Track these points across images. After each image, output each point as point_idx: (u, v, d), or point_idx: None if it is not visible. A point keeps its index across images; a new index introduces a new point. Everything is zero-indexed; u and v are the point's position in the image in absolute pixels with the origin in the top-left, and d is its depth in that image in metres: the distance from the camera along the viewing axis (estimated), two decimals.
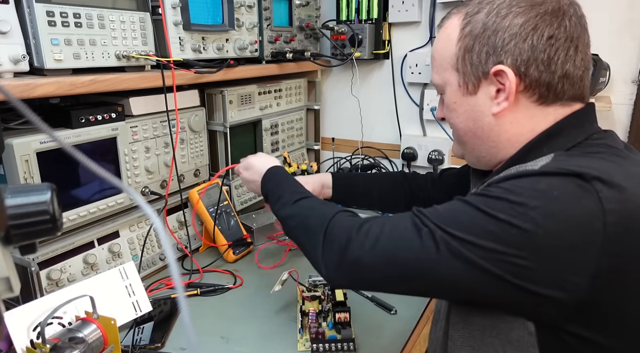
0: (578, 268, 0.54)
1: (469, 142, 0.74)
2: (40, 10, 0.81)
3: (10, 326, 0.71)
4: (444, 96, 0.74)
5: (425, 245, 0.59)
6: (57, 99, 1.02)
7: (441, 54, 0.72)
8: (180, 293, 0.34)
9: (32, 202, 0.41)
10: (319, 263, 0.70)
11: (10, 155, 0.83)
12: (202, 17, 1.14)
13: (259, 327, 0.95)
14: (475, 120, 0.71)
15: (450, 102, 0.73)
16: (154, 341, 0.89)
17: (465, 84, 0.69)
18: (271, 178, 0.92)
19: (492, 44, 0.65)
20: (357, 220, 0.70)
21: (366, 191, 1.14)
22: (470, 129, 0.72)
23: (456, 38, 0.69)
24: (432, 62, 0.75)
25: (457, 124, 0.74)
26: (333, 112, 1.81)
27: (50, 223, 0.42)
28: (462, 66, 0.69)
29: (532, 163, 0.64)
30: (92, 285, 0.85)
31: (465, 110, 0.71)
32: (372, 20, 1.57)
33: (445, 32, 0.71)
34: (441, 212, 0.62)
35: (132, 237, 1.10)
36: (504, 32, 0.64)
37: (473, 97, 0.70)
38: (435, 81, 0.75)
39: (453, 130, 0.77)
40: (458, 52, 0.69)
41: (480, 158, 0.75)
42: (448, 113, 0.75)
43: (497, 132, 0.69)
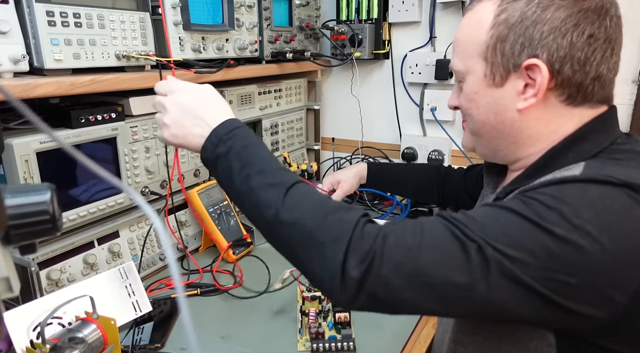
0: (624, 285, 0.51)
1: (485, 135, 0.71)
2: (40, 10, 0.81)
3: (10, 326, 0.70)
4: (464, 84, 0.70)
5: (474, 264, 0.51)
6: (57, 99, 1.02)
7: (468, 39, 0.67)
8: (180, 293, 0.34)
9: (32, 202, 0.41)
10: (327, 279, 0.55)
11: (10, 155, 0.83)
12: (202, 17, 1.14)
13: (259, 327, 0.95)
14: (497, 113, 0.67)
15: (471, 92, 0.69)
16: (154, 341, 0.89)
17: (492, 75, 0.65)
18: (234, 138, 0.65)
19: (529, 36, 0.61)
20: (380, 226, 0.58)
21: (402, 183, 1.22)
22: (489, 122, 0.69)
23: (488, 24, 0.64)
24: (454, 47, 0.71)
25: (476, 115, 0.70)
26: (333, 112, 1.81)
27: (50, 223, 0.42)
28: (491, 55, 0.65)
29: (564, 169, 0.60)
30: (92, 285, 0.85)
31: (488, 102, 0.68)
32: (372, 20, 1.57)
33: (475, 16, 0.67)
34: (484, 223, 0.54)
35: (132, 237, 1.10)
36: (543, 24, 0.60)
37: (498, 90, 0.66)
38: (456, 67, 0.70)
39: (468, 121, 0.73)
40: (489, 40, 0.64)
41: (497, 151, 0.72)
42: (466, 103, 0.70)
43: (519, 128, 0.67)
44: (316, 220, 0.57)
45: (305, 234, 0.57)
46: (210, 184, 1.28)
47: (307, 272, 0.59)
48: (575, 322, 0.53)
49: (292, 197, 0.59)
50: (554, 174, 0.61)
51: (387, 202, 1.58)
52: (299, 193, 0.60)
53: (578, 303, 0.51)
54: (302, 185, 0.62)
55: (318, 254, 0.55)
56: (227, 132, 0.66)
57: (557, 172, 0.61)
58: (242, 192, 0.63)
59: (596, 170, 0.57)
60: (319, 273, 0.56)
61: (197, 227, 1.28)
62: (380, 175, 1.24)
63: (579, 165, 0.60)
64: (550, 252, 0.50)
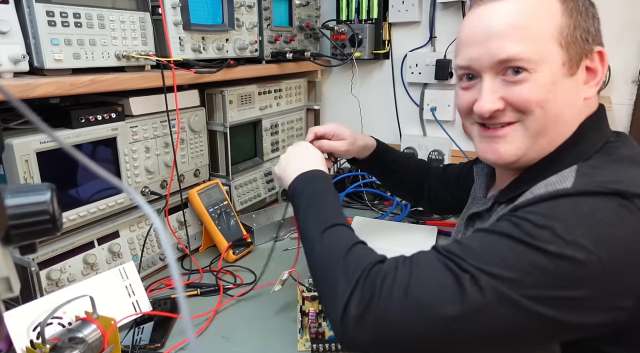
0: (628, 292, 0.51)
1: (552, 133, 0.64)
2: (40, 10, 0.81)
3: (10, 326, 0.70)
4: (534, 75, 0.61)
5: (470, 296, 0.51)
6: (57, 99, 1.02)
7: (541, 22, 0.62)
8: (180, 294, 0.34)
9: (32, 202, 0.41)
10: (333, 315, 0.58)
11: (10, 155, 0.83)
12: (202, 17, 1.14)
13: (259, 327, 0.95)
14: (572, 105, 0.64)
15: (547, 83, 0.62)
16: (154, 341, 0.89)
17: (570, 62, 0.62)
18: (299, 193, 0.79)
19: (592, 25, 0.63)
20: (384, 265, 0.58)
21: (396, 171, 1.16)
22: (564, 116, 0.64)
23: (559, 9, 0.62)
24: (513, 33, 0.62)
25: (552, 108, 0.62)
26: (333, 112, 1.81)
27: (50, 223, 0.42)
28: (571, 41, 0.61)
29: (556, 178, 0.59)
30: (92, 285, 0.85)
31: (565, 93, 0.63)
32: (372, 20, 1.57)
33: (535, 1, 0.63)
34: (477, 250, 0.54)
35: (132, 237, 1.10)
36: (596, 17, 0.64)
37: (572, 78, 0.63)
38: (522, 55, 0.61)
39: (532, 121, 0.63)
40: (564, 25, 0.61)
41: (545, 153, 0.66)
42: (541, 95, 0.62)
43: (578, 117, 0.65)
44: (340, 255, 0.62)
45: (329, 268, 0.62)
46: (210, 184, 1.28)
47: (324, 304, 0.65)
48: (581, 331, 0.53)
49: (331, 233, 0.68)
50: (547, 183, 0.59)
51: (387, 202, 1.58)
52: (337, 233, 0.68)
53: (584, 315, 0.51)
54: (343, 228, 0.69)
55: (332, 289, 0.59)
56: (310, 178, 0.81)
57: (551, 179, 0.60)
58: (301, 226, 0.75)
59: (587, 180, 0.56)
60: (329, 308, 0.60)
61: (197, 227, 1.28)
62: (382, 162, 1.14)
63: (571, 170, 0.60)
64: (546, 270, 0.50)
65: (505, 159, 0.67)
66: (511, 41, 0.61)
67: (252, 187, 1.48)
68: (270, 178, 1.55)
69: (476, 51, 0.65)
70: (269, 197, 1.56)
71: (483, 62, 0.64)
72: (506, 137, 0.66)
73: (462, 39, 0.69)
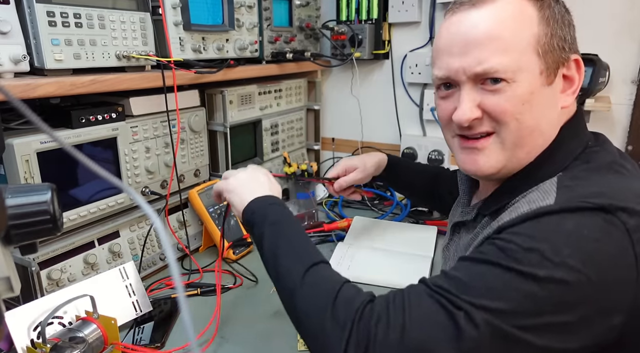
0: (617, 308, 0.51)
1: (530, 144, 0.64)
2: (40, 11, 0.81)
3: (10, 326, 0.71)
4: (511, 85, 0.61)
5: (466, 334, 0.49)
6: (58, 99, 1.02)
7: (515, 31, 0.61)
8: (181, 293, 0.35)
9: (33, 202, 0.41)
10: None
11: (11, 155, 0.83)
12: (202, 17, 1.14)
13: (259, 327, 0.95)
14: (547, 115, 0.63)
15: (525, 93, 0.61)
16: (154, 341, 0.89)
17: (547, 71, 0.62)
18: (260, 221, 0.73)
19: (568, 33, 0.63)
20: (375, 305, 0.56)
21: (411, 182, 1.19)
22: (541, 126, 0.63)
23: (536, 17, 0.62)
24: (492, 42, 0.61)
25: (527, 120, 0.62)
26: (333, 112, 1.81)
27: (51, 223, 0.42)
28: (548, 49, 0.61)
29: (538, 194, 0.58)
30: (93, 285, 0.85)
31: (541, 102, 0.62)
32: (372, 21, 1.58)
33: (512, 8, 0.62)
34: (466, 282, 0.53)
35: (132, 237, 1.10)
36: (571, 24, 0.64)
37: (549, 88, 0.63)
38: (499, 66, 0.61)
39: (507, 131, 0.63)
40: (542, 33, 0.61)
41: (523, 164, 0.66)
42: (517, 106, 0.61)
43: (555, 127, 0.65)
44: (327, 300, 0.58)
45: (316, 312, 0.58)
46: (211, 184, 1.28)
47: (310, 345, 0.60)
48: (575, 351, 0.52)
49: (311, 275, 0.63)
50: (529, 200, 0.59)
51: (387, 202, 1.58)
52: (319, 274, 0.63)
53: (576, 340, 0.50)
54: (323, 267, 0.64)
55: (323, 337, 0.56)
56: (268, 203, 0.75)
57: (533, 195, 0.59)
58: (268, 258, 0.70)
59: (569, 195, 0.56)
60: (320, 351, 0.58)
61: (197, 227, 1.28)
62: (397, 172, 1.18)
63: (552, 183, 0.59)
64: (536, 296, 0.49)
65: (484, 171, 0.67)
66: (489, 52, 0.61)
67: None
68: None
69: (455, 62, 0.64)
70: None
71: (461, 74, 0.64)
72: (484, 149, 0.66)
73: (440, 48, 0.67)
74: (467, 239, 0.75)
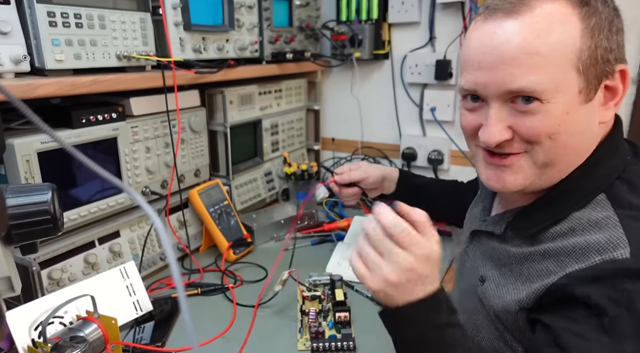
0: None
1: (562, 163, 0.60)
2: (41, 11, 0.81)
3: (11, 325, 0.71)
4: (546, 105, 0.56)
5: None
6: (58, 99, 1.02)
7: (553, 46, 0.55)
8: (181, 293, 0.35)
9: (33, 202, 0.41)
10: None
11: (12, 155, 0.83)
12: (203, 18, 1.14)
13: (259, 327, 0.95)
14: (584, 134, 0.59)
15: (561, 113, 0.56)
16: (155, 340, 0.89)
17: (587, 89, 0.56)
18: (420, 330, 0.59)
19: (616, 41, 0.57)
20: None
21: (434, 196, 1.15)
22: (575, 146, 0.59)
23: (579, 28, 0.55)
24: (528, 58, 0.55)
25: (562, 140, 0.57)
26: (333, 112, 1.82)
27: (51, 223, 0.42)
28: (590, 63, 0.55)
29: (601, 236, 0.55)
30: (93, 284, 0.85)
31: (579, 122, 0.57)
32: (372, 21, 1.58)
33: (553, 19, 0.55)
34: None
35: (132, 237, 1.11)
36: (620, 30, 0.58)
37: (589, 104, 0.57)
38: (535, 85, 0.55)
39: (539, 152, 0.59)
40: (584, 47, 0.55)
41: (551, 183, 0.62)
42: (552, 127, 0.56)
43: (592, 142, 0.60)
44: None
45: None
46: (211, 184, 1.28)
47: None
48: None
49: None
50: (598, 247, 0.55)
51: (387, 202, 1.58)
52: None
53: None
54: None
55: None
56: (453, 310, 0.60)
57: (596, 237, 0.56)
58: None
59: None
60: None
61: (197, 227, 1.28)
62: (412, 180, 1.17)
63: (603, 206, 0.58)
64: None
65: (510, 189, 0.63)
66: (523, 69, 0.56)
67: (253, 187, 1.48)
68: (270, 179, 1.56)
69: (483, 76, 0.59)
70: (269, 197, 1.56)
71: (491, 90, 0.59)
72: (513, 166, 0.62)
73: (468, 59, 0.61)
74: (491, 248, 0.72)
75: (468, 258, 0.80)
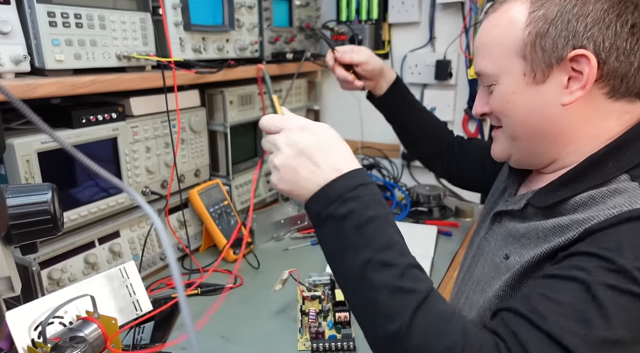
0: None
1: (525, 138, 0.69)
2: (41, 11, 0.81)
3: (11, 325, 0.71)
4: (497, 87, 0.68)
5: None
6: (58, 99, 1.02)
7: (500, 39, 0.67)
8: (181, 293, 0.35)
9: (33, 202, 0.41)
10: None
11: (12, 155, 0.83)
12: (203, 18, 1.14)
13: (259, 327, 0.95)
14: (538, 112, 0.66)
15: (508, 93, 0.67)
16: (155, 340, 0.89)
17: (532, 72, 0.64)
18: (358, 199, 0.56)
19: (573, 29, 0.61)
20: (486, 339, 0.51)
21: (418, 122, 1.19)
22: (530, 122, 0.67)
23: (523, 22, 0.64)
24: (480, 50, 0.70)
25: (515, 116, 0.68)
26: (333, 112, 1.81)
27: (51, 223, 0.42)
28: (531, 52, 0.64)
29: (620, 199, 0.57)
30: (93, 284, 0.85)
31: (528, 101, 0.66)
32: (372, 21, 1.58)
33: (504, 16, 0.66)
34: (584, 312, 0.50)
35: (132, 237, 1.11)
36: (586, 17, 0.60)
37: (539, 87, 0.65)
38: (485, 70, 0.69)
39: (505, 126, 0.71)
40: (527, 37, 0.64)
41: (534, 155, 0.70)
42: (502, 105, 0.68)
43: (562, 125, 0.65)
44: None
45: None
46: (211, 184, 1.28)
47: None
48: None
49: (424, 316, 0.51)
50: (612, 204, 0.57)
51: (387, 202, 1.58)
52: (434, 312, 0.52)
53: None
54: (434, 298, 0.53)
55: None
56: (351, 188, 0.56)
57: (611, 198, 0.58)
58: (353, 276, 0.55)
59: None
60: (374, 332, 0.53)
61: (197, 227, 1.28)
62: (403, 96, 1.20)
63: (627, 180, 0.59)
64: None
65: (497, 156, 0.76)
66: (480, 57, 0.70)
67: None
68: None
69: None
70: (269, 197, 1.56)
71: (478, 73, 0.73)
72: (496, 138, 0.75)
73: None
74: (512, 227, 0.73)
75: (488, 244, 0.79)
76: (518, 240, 0.70)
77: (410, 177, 1.71)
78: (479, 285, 0.76)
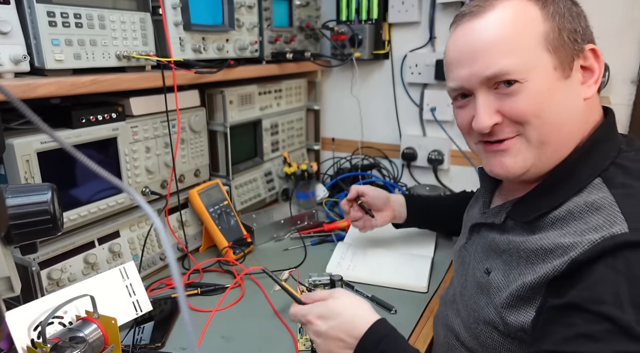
0: None
1: (555, 141, 0.63)
2: (41, 11, 0.81)
3: (11, 325, 0.71)
4: (525, 85, 0.61)
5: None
6: (58, 99, 1.02)
7: (519, 32, 0.61)
8: (181, 293, 0.35)
9: (33, 202, 0.41)
10: None
11: (11, 155, 0.83)
12: (203, 18, 1.14)
13: (259, 327, 0.95)
14: (569, 109, 0.62)
15: (542, 90, 0.61)
16: (155, 341, 0.89)
17: (561, 66, 0.61)
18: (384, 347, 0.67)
19: (579, 25, 0.63)
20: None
21: (446, 208, 1.16)
22: (564, 122, 0.62)
23: (540, 17, 0.62)
24: (498, 45, 0.62)
25: (549, 117, 0.61)
26: (333, 112, 1.81)
27: (51, 223, 0.42)
28: (559, 44, 0.61)
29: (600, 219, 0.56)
30: (93, 284, 0.85)
31: (561, 98, 0.61)
32: (372, 21, 1.58)
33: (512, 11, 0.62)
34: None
35: (132, 237, 1.10)
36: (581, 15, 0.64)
37: (567, 81, 0.62)
38: (509, 68, 0.61)
39: (531, 132, 0.62)
40: (549, 29, 0.61)
41: (554, 162, 0.64)
42: (535, 105, 0.61)
43: (580, 121, 0.63)
44: None
45: None
46: (211, 184, 1.28)
47: None
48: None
49: None
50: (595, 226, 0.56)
51: None
52: None
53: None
54: None
55: None
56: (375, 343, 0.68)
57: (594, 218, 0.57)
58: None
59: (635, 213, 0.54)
60: None
61: (197, 227, 1.28)
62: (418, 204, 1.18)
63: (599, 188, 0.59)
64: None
65: (513, 173, 0.65)
66: (498, 55, 0.62)
67: (252, 187, 1.48)
68: (270, 178, 1.56)
69: (466, 71, 0.65)
70: (269, 197, 1.56)
71: (474, 81, 0.64)
72: (510, 150, 0.65)
73: (450, 61, 0.68)
74: (491, 240, 0.72)
75: (468, 254, 0.80)
76: (499, 256, 0.70)
77: (410, 177, 1.71)
78: (463, 298, 0.78)
